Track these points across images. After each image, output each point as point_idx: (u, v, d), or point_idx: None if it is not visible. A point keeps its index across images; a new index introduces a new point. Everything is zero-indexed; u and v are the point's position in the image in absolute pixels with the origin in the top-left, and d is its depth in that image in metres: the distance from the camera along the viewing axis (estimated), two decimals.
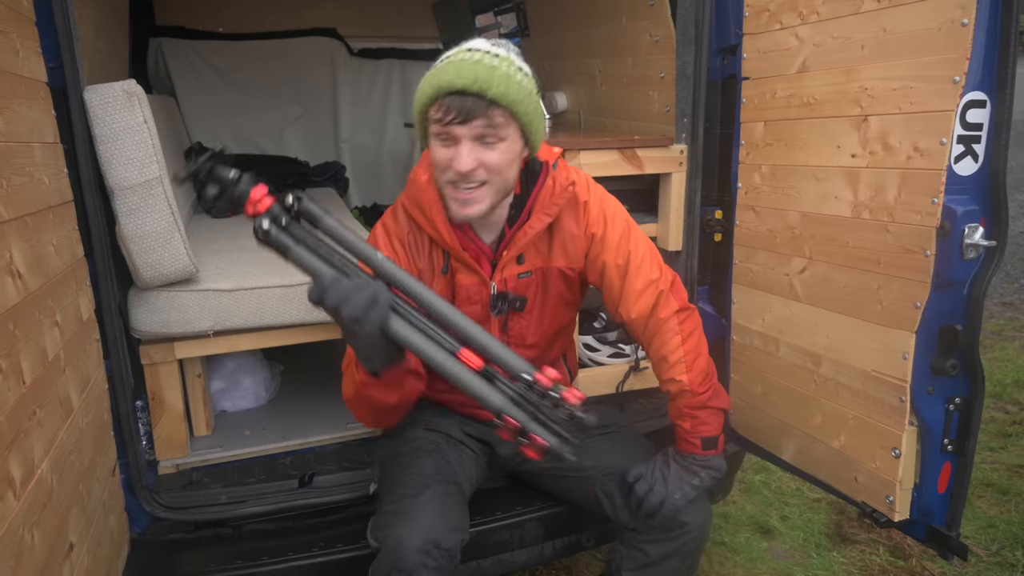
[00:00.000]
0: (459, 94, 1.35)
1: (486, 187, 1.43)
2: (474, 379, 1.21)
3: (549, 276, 1.64)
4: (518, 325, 1.65)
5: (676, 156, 2.10)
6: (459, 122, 1.36)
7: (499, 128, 1.38)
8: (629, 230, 1.64)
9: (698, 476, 1.60)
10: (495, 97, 1.35)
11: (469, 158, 1.38)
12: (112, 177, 1.65)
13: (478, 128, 1.37)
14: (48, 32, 1.50)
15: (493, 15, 3.98)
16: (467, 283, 1.59)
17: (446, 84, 1.35)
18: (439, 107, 1.37)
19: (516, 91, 1.38)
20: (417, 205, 1.55)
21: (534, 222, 1.55)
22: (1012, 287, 4.91)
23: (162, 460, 1.97)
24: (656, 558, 1.63)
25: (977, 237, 1.42)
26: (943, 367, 1.49)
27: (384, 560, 1.43)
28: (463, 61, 1.37)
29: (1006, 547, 2.36)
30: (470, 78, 1.34)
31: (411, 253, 1.59)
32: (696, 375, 1.59)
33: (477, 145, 1.39)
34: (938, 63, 1.39)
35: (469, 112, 1.35)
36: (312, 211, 1.24)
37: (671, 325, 1.60)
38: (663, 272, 1.64)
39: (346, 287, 1.19)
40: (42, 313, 1.28)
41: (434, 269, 1.59)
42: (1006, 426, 3.13)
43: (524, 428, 1.18)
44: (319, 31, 4.24)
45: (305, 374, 2.54)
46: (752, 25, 1.85)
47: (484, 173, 1.41)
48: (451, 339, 1.25)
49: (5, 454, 1.05)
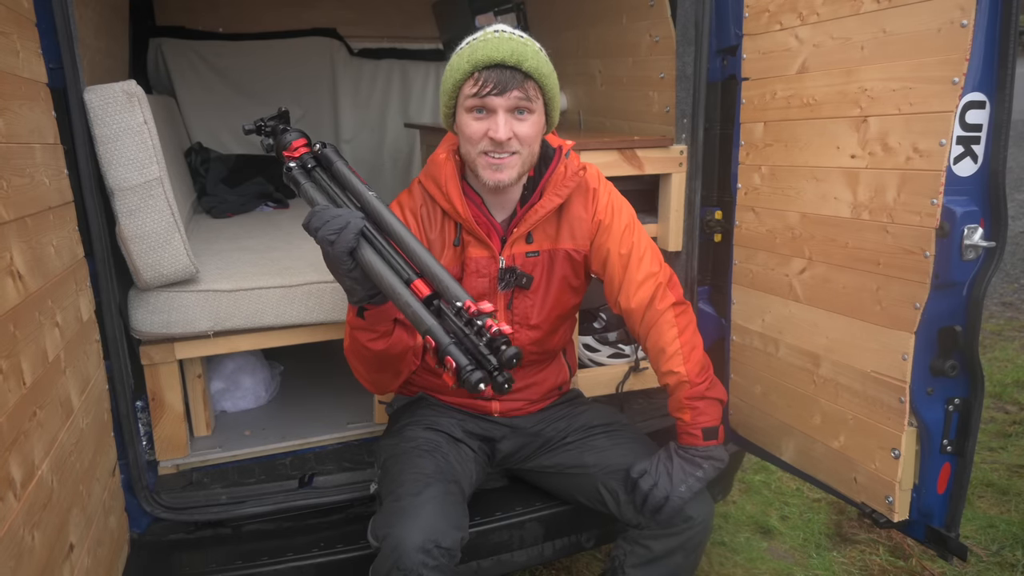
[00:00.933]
0: (497, 67, 1.45)
1: (516, 156, 1.53)
2: (413, 302, 1.25)
3: (556, 258, 1.70)
4: (523, 304, 1.70)
5: (676, 157, 2.11)
6: (497, 93, 1.46)
7: (532, 100, 1.49)
8: (633, 223, 1.71)
9: (701, 468, 1.61)
10: (529, 70, 1.47)
11: (505, 127, 1.48)
12: (112, 178, 1.65)
13: (514, 99, 1.47)
14: (48, 33, 1.50)
15: (493, 15, 3.99)
16: (476, 255, 1.65)
17: (484, 58, 1.45)
18: (476, 80, 1.47)
19: (546, 66, 1.52)
20: (434, 180, 1.64)
21: (545, 202, 1.63)
22: (1012, 287, 4.91)
23: (162, 460, 1.97)
24: (660, 553, 1.64)
25: (976, 238, 1.42)
26: (942, 368, 1.49)
27: (384, 559, 1.44)
28: (497, 38, 1.47)
29: (1006, 547, 2.37)
30: (507, 51, 1.45)
31: (423, 224, 1.67)
32: (693, 366, 1.62)
33: (511, 116, 1.49)
34: (938, 64, 1.39)
35: (507, 83, 1.45)
36: (328, 157, 1.43)
37: (668, 317, 1.64)
38: (663, 267, 1.69)
39: (326, 214, 1.30)
40: (42, 314, 1.29)
41: (445, 241, 1.67)
42: (1006, 426, 3.13)
43: (442, 349, 1.18)
44: (319, 31, 4.24)
45: (305, 374, 2.54)
46: (752, 26, 1.85)
47: (516, 143, 1.51)
48: (410, 270, 1.30)
49: (5, 455, 1.05)
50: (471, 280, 1.66)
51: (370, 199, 1.37)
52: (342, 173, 1.41)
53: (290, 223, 2.91)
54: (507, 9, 3.69)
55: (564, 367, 1.90)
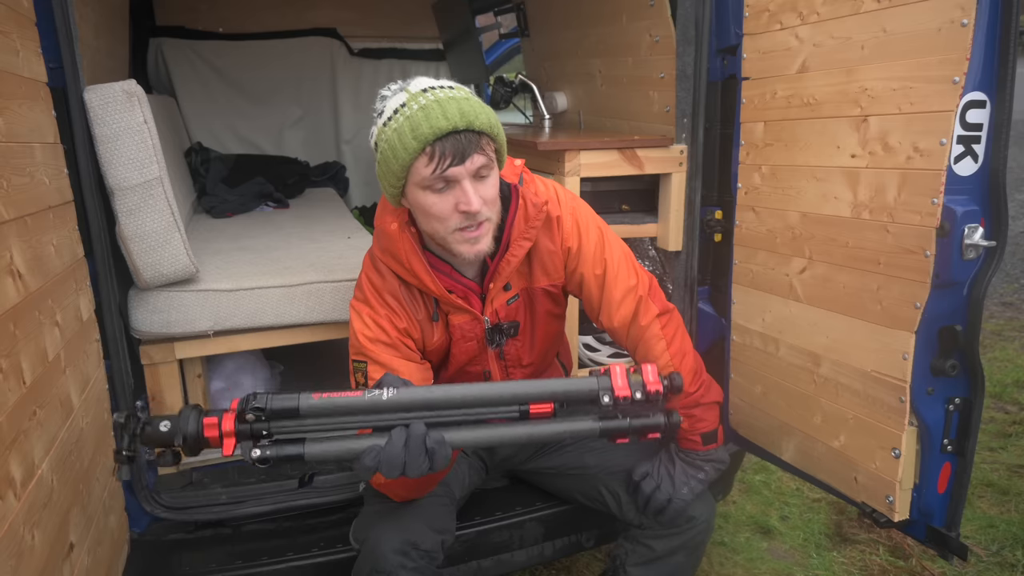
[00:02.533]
0: (450, 135, 1.29)
1: (488, 222, 1.39)
2: (558, 425, 1.16)
3: (534, 296, 1.62)
4: (513, 349, 1.64)
5: (676, 156, 2.11)
6: (458, 163, 1.30)
7: (490, 159, 1.35)
8: (603, 238, 1.60)
9: (703, 470, 1.62)
10: (481, 127, 1.31)
11: (476, 196, 1.33)
12: (112, 177, 1.65)
13: (477, 164, 1.32)
14: (48, 32, 1.50)
15: (493, 15, 3.99)
16: (460, 322, 1.56)
17: (433, 129, 1.28)
18: (430, 155, 1.30)
19: (491, 114, 1.34)
20: (393, 257, 1.48)
21: (515, 250, 1.50)
22: (1012, 287, 4.91)
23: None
24: (662, 553, 1.64)
25: (977, 237, 1.42)
26: (943, 367, 1.49)
27: (364, 561, 1.45)
28: (436, 101, 1.30)
29: (1006, 547, 2.36)
30: (455, 114, 1.28)
31: (408, 307, 1.53)
32: (686, 375, 1.58)
33: (475, 181, 1.34)
34: (938, 63, 1.39)
35: (465, 150, 1.29)
36: (284, 407, 1.10)
37: (653, 331, 1.58)
38: (639, 277, 1.61)
39: (389, 453, 1.09)
40: (42, 313, 1.29)
41: (428, 317, 1.56)
42: (1006, 426, 3.13)
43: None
44: (319, 31, 4.24)
45: (305, 374, 2.54)
46: (752, 25, 1.85)
47: (486, 209, 1.36)
48: (498, 410, 1.18)
49: (6, 454, 1.05)
50: (460, 346, 1.58)
51: (389, 402, 1.12)
52: (328, 407, 1.10)
53: (290, 223, 2.91)
54: (507, 9, 3.69)
55: (558, 369, 1.88)
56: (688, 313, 2.14)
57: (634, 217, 2.27)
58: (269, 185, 3.45)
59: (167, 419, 1.08)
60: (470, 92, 1.36)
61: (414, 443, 1.10)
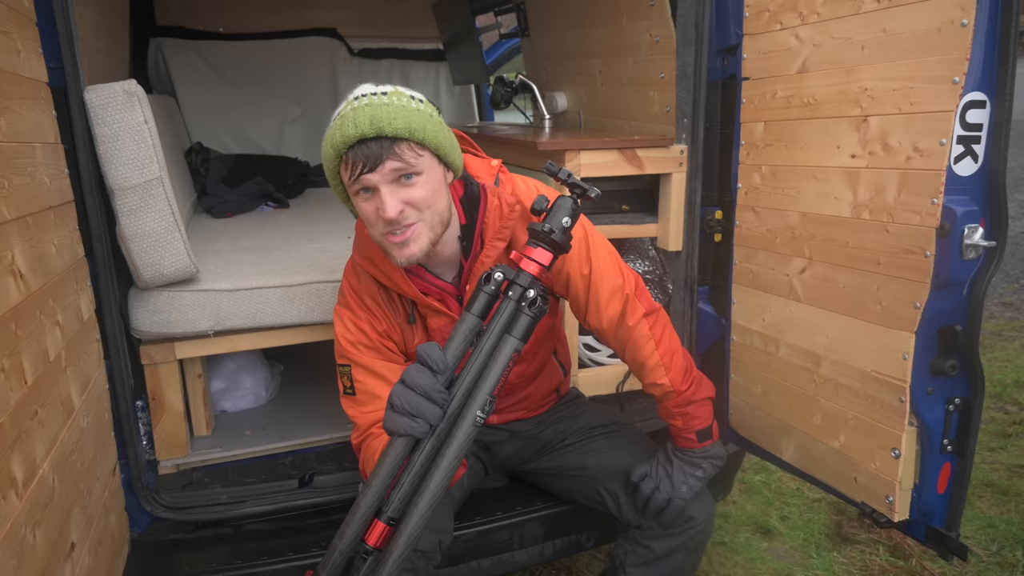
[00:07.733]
0: (360, 143, 1.30)
1: (420, 224, 1.38)
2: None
3: None
4: None
5: (676, 156, 2.11)
6: (369, 170, 1.31)
7: (411, 162, 1.33)
8: (587, 237, 1.57)
9: (701, 468, 1.62)
10: (395, 133, 1.30)
11: (393, 202, 1.33)
12: (112, 177, 1.65)
13: (390, 171, 1.32)
14: (48, 32, 1.50)
15: (493, 15, 3.98)
16: (439, 325, 1.55)
17: (343, 138, 1.31)
18: (346, 163, 1.33)
19: (415, 120, 1.33)
20: (370, 261, 1.51)
21: (489, 250, 1.48)
22: (1012, 287, 4.91)
23: (162, 460, 1.97)
24: (661, 553, 1.64)
25: (977, 237, 1.42)
26: (943, 367, 1.49)
27: None
28: (355, 110, 1.32)
29: (1006, 547, 2.37)
30: (365, 122, 1.29)
31: (386, 309, 1.55)
32: (676, 374, 1.57)
33: (396, 187, 1.34)
34: (938, 63, 1.39)
35: (376, 157, 1.30)
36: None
37: (641, 331, 1.57)
38: (625, 276, 1.59)
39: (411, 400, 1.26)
40: (43, 313, 1.29)
41: (405, 320, 1.57)
42: (1006, 426, 3.13)
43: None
44: (319, 31, 4.24)
45: (305, 374, 2.54)
46: (752, 25, 1.85)
47: (413, 213, 1.36)
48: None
49: (7, 454, 1.05)
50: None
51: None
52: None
53: (290, 223, 2.91)
54: (507, 9, 3.69)
55: (556, 368, 1.85)
56: (688, 313, 2.14)
57: (634, 217, 2.27)
58: (269, 185, 3.45)
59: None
60: (411, 98, 1.36)
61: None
